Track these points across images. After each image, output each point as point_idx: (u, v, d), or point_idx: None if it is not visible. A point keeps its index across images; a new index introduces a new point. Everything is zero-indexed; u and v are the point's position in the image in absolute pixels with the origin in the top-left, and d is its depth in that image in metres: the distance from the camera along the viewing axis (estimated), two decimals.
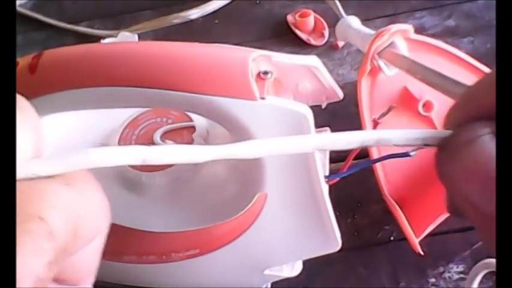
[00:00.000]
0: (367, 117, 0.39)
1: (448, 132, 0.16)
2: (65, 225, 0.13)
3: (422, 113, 0.39)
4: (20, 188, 0.13)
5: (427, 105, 0.39)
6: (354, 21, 0.45)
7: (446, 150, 0.15)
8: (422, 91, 0.39)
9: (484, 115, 0.15)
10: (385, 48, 0.38)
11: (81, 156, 0.14)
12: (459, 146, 0.15)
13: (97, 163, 0.14)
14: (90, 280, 0.16)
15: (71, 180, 0.14)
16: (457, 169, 0.15)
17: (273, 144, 0.16)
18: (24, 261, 0.12)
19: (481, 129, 0.14)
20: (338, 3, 0.47)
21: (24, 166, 0.13)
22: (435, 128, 0.39)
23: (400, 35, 0.38)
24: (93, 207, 0.15)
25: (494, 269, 0.36)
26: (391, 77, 0.39)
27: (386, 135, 0.16)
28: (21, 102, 0.14)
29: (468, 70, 0.40)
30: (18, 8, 0.60)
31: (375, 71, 0.39)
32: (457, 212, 0.16)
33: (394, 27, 0.38)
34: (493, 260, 0.35)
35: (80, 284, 0.16)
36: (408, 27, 0.38)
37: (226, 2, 0.58)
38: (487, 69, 0.40)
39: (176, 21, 0.57)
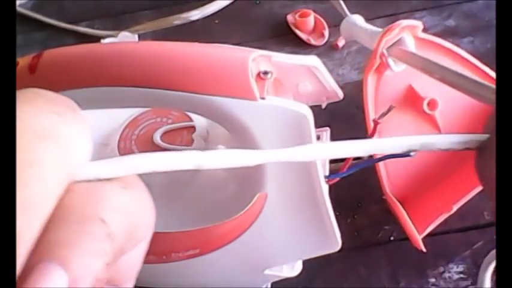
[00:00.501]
0: (371, 115, 0.38)
1: (487, 136, 0.16)
2: (123, 227, 0.13)
3: (427, 111, 0.39)
4: (79, 190, 0.13)
5: (432, 104, 0.39)
6: (359, 19, 0.45)
7: (485, 152, 0.16)
8: (427, 90, 0.39)
9: None
10: (393, 44, 0.38)
11: (140, 160, 0.14)
12: None
13: (155, 167, 0.15)
14: (131, 283, 0.16)
15: (127, 184, 0.14)
16: None
17: (324, 148, 0.16)
18: (85, 262, 0.12)
19: None
20: (342, 2, 0.47)
21: (84, 168, 0.13)
22: (438, 127, 0.39)
23: (409, 32, 0.38)
24: (145, 211, 0.15)
25: None
26: (397, 75, 0.39)
27: (431, 140, 0.16)
28: (71, 104, 0.14)
29: (471, 71, 0.40)
30: (18, 8, 0.60)
31: (381, 68, 0.39)
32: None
33: (405, 22, 0.37)
34: None
35: (122, 286, 0.16)
36: (418, 24, 0.38)
37: (227, 3, 0.58)
38: (489, 71, 0.40)
39: (177, 22, 0.57)
